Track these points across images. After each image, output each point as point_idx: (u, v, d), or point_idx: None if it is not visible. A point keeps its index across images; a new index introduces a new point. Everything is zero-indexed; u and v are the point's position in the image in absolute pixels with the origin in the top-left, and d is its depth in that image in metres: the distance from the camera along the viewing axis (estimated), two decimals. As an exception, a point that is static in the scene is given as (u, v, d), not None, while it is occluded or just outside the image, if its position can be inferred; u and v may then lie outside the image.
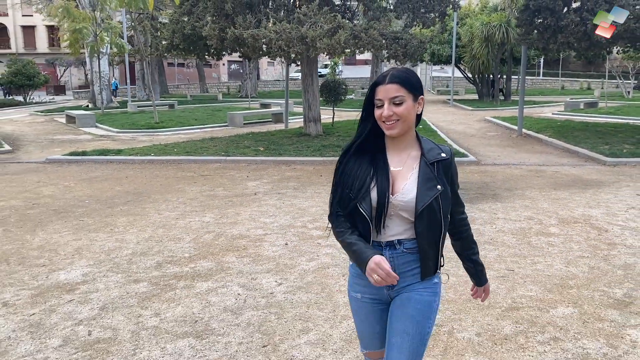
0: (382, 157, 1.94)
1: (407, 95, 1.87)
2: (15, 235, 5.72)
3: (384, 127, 1.89)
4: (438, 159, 1.92)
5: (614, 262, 4.65)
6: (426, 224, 1.87)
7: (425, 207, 1.85)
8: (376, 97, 1.88)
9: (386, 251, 1.92)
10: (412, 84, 1.88)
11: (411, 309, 1.92)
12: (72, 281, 4.37)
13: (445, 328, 3.43)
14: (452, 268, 3.95)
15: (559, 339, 3.29)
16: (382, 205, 1.88)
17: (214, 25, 10.69)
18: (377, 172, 1.91)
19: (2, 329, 3.53)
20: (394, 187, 1.90)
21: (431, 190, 1.87)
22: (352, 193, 1.91)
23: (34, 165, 10.51)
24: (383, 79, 1.88)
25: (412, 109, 1.89)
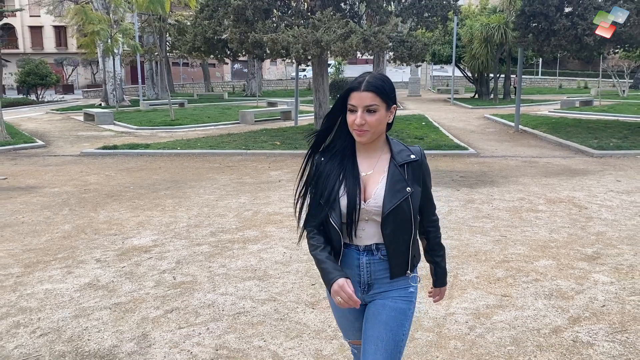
0: (352, 161, 1.95)
1: (381, 104, 1.86)
2: (81, 213, 6.69)
3: (354, 133, 1.89)
4: (408, 161, 1.93)
5: (589, 231, 5.64)
6: (394, 226, 1.88)
7: (393, 209, 1.87)
8: (349, 102, 1.87)
9: (363, 256, 1.94)
10: (387, 92, 1.87)
11: (385, 316, 1.93)
12: (145, 245, 5.34)
13: (451, 273, 4.41)
14: (454, 234, 4.92)
15: (539, 280, 4.27)
16: (351, 212, 1.89)
17: (235, 29, 11.65)
18: (346, 177, 1.92)
19: (104, 276, 4.51)
20: (366, 193, 1.91)
21: (400, 192, 1.88)
22: (322, 200, 1.93)
23: (70, 158, 11.48)
24: (358, 85, 1.86)
25: (384, 118, 1.88)
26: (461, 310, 3.74)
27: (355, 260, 1.95)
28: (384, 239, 1.90)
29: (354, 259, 1.95)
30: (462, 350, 3.20)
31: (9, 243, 5.50)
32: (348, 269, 1.95)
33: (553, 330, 3.42)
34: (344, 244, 1.95)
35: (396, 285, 1.95)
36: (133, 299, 4.01)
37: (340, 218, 1.91)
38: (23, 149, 12.88)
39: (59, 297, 4.07)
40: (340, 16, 11.22)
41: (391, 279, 1.94)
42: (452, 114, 21.74)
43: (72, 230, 5.94)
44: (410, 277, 1.97)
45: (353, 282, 1.92)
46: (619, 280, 4.25)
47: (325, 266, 1.90)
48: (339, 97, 1.91)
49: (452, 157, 10.91)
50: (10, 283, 4.38)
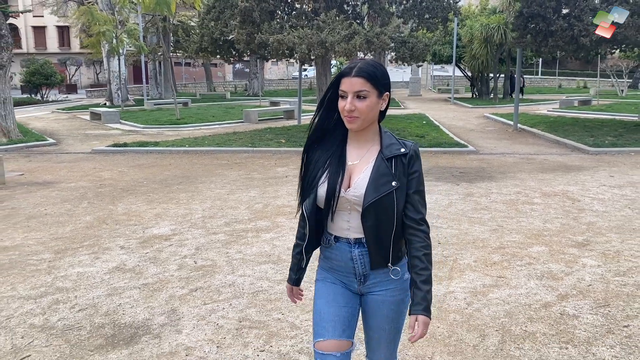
0: (341, 150, 1.93)
1: (372, 90, 1.83)
2: (100, 206, 7.05)
3: (345, 119, 1.86)
4: (396, 154, 1.88)
5: (581, 221, 6.00)
6: (375, 220, 1.85)
7: (374, 202, 1.84)
8: (340, 87, 1.84)
9: (355, 249, 1.93)
10: (378, 79, 1.83)
11: (386, 310, 1.97)
12: (165, 234, 5.71)
13: (451, 258, 4.78)
14: (454, 224, 5.27)
15: (532, 264, 4.63)
16: (330, 199, 1.88)
17: (242, 30, 12.02)
18: (331, 165, 1.91)
19: (129, 261, 4.87)
20: (350, 182, 1.89)
21: (384, 186, 1.84)
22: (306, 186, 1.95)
23: (82, 155, 11.84)
24: (349, 70, 1.83)
25: (375, 105, 1.85)
26: (460, 289, 4.10)
27: (348, 254, 1.93)
28: (364, 231, 1.88)
29: (346, 252, 1.94)
30: (460, 321, 3.56)
31: (36, 232, 5.86)
32: (341, 262, 1.96)
33: (543, 305, 3.79)
34: (335, 237, 1.95)
35: (393, 274, 1.93)
36: (159, 280, 4.38)
37: (313, 206, 1.92)
38: (35, 146, 13.25)
39: (90, 279, 4.44)
40: (344, 18, 11.58)
41: (371, 270, 1.93)
42: (452, 113, 22.09)
43: (94, 221, 6.30)
44: (392, 270, 1.93)
45: (348, 274, 1.97)
46: (605, 264, 4.61)
47: (290, 267, 2.14)
48: (330, 83, 1.88)
49: (452, 154, 11.27)
50: (44, 267, 4.75)
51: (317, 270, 2.07)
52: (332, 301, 1.98)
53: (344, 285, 2.00)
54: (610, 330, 3.42)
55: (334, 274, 2.00)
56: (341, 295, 1.99)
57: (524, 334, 3.37)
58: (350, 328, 1.98)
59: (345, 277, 1.98)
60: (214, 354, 3.18)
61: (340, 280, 2.00)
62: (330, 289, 2.00)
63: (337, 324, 1.94)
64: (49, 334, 3.48)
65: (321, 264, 2.06)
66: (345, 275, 1.98)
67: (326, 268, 2.03)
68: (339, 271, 1.99)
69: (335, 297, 1.99)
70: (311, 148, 1.97)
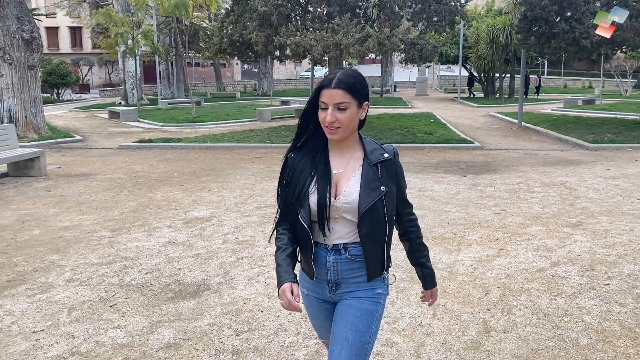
0: (324, 159, 1.94)
1: (352, 101, 1.85)
2: (140, 194, 7.79)
3: (326, 130, 1.88)
4: (381, 160, 1.92)
5: (576, 206, 6.68)
6: (370, 226, 1.88)
7: (369, 208, 1.86)
8: (321, 99, 1.86)
9: (331, 255, 1.94)
10: (358, 90, 1.86)
11: (351, 316, 1.93)
12: (205, 216, 6.43)
13: (459, 235, 5.47)
14: (461, 209, 5.96)
15: (530, 239, 5.33)
16: (322, 208, 1.89)
17: (260, 33, 12.74)
18: (317, 175, 1.91)
19: (179, 237, 5.60)
20: (337, 190, 1.91)
21: (375, 191, 1.88)
22: (293, 198, 1.93)
23: (110, 150, 12.60)
24: (329, 82, 1.85)
25: (355, 115, 1.88)
26: (467, 259, 4.80)
27: (323, 259, 1.95)
28: (360, 239, 1.90)
29: (322, 257, 1.96)
30: (467, 281, 4.26)
31: (89, 215, 6.60)
32: (318, 268, 1.97)
33: (537, 270, 4.48)
34: (314, 242, 1.95)
35: (364, 286, 1.96)
36: (209, 251, 5.10)
37: (309, 216, 1.91)
38: (64, 142, 14.02)
39: (149, 251, 5.16)
40: (357, 21, 12.28)
41: (368, 281, 1.95)
42: (458, 112, 22.74)
43: (138, 206, 7.03)
44: (385, 278, 2.00)
45: (321, 280, 1.98)
46: (594, 239, 5.30)
47: (279, 269, 1.92)
48: (309, 100, 1.91)
49: (459, 150, 11.94)
50: (105, 242, 5.48)
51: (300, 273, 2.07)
52: (314, 316, 2.11)
53: (319, 297, 2.04)
54: (593, 287, 4.11)
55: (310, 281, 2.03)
56: (319, 311, 2.07)
57: (520, 290, 4.07)
58: None
59: (319, 283, 2.00)
60: (266, 303, 3.90)
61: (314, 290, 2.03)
62: (310, 305, 2.09)
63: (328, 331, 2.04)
64: (127, 290, 4.21)
65: (301, 266, 2.07)
66: (318, 281, 2.00)
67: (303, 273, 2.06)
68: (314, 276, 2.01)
69: (315, 313, 2.10)
70: (291, 158, 1.99)
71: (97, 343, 3.36)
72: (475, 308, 3.77)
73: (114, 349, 3.29)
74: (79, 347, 3.32)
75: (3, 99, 13.74)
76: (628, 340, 3.29)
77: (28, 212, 6.77)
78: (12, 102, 13.80)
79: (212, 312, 3.76)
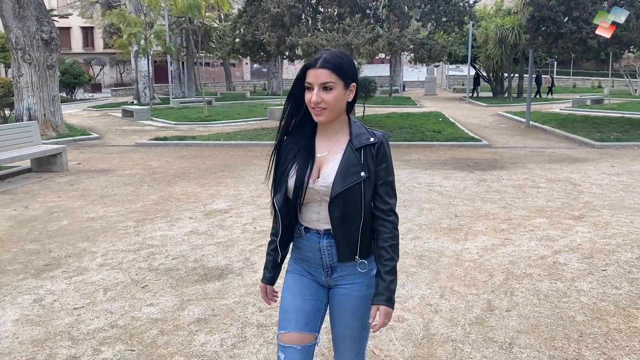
0: (310, 143, 1.93)
1: (338, 81, 1.81)
2: (159, 188, 8.12)
3: (312, 112, 1.86)
4: (365, 144, 1.87)
5: (579, 200, 6.94)
6: (342, 209, 1.84)
7: (342, 192, 1.83)
8: (306, 80, 1.83)
9: (324, 239, 1.92)
10: (344, 70, 1.83)
11: (352, 306, 1.94)
12: (223, 209, 6.75)
13: (466, 226, 5.75)
14: (469, 203, 6.23)
15: (534, 230, 5.60)
16: (297, 190, 1.87)
17: (273, 34, 13.06)
18: (299, 158, 1.90)
19: (200, 227, 5.92)
20: (319, 173, 1.89)
21: (353, 176, 1.84)
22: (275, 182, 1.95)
23: (127, 148, 12.96)
24: (315, 62, 1.82)
25: (342, 96, 1.84)
26: (473, 247, 5.08)
27: (316, 244, 1.94)
28: (331, 221, 1.87)
29: (314, 242, 1.94)
30: (473, 267, 4.55)
31: (113, 207, 6.94)
32: (310, 253, 1.97)
33: (540, 257, 4.76)
34: (305, 228, 1.96)
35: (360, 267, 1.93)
36: (229, 240, 5.41)
37: (284, 198, 1.91)
38: (81, 140, 14.41)
39: (173, 239, 5.49)
40: (367, 22, 12.57)
41: (338, 262, 1.93)
42: (467, 111, 22.96)
43: (159, 199, 7.37)
44: (359, 263, 1.93)
45: (316, 265, 1.98)
46: (595, 231, 5.57)
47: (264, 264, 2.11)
48: (295, 79, 1.87)
49: (467, 148, 12.20)
50: (131, 231, 5.81)
51: (289, 261, 2.08)
52: (298, 294, 1.99)
53: (312, 277, 2.00)
54: (591, 272, 4.38)
55: (303, 264, 2.01)
56: (307, 287, 2.00)
57: (523, 274, 4.35)
58: (314, 321, 1.98)
59: (314, 269, 1.99)
60: (286, 285, 4.20)
61: (309, 272, 2.01)
62: (297, 281, 2.01)
63: (300, 316, 1.95)
64: (156, 273, 4.54)
65: (292, 254, 2.06)
66: (313, 266, 1.99)
67: (296, 259, 2.04)
68: (307, 262, 1.99)
69: (301, 289, 2.00)
70: (282, 143, 1.97)
71: (133, 318, 3.68)
72: (480, 290, 4.06)
73: (149, 322, 3.61)
74: (117, 321, 3.64)
75: (23, 97, 14.15)
76: (621, 318, 3.57)
77: (55, 205, 7.13)
78: (31, 101, 14.21)
79: (237, 292, 4.07)
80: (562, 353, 3.14)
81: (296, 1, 12.88)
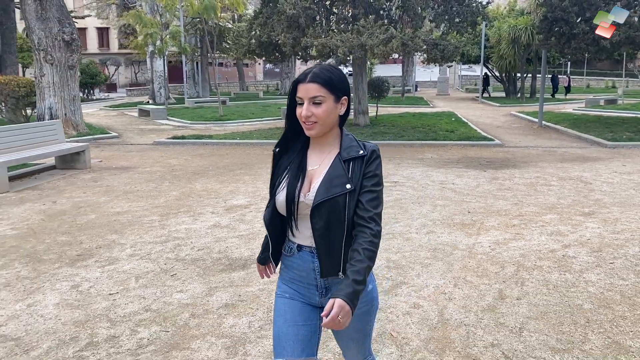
0: (302, 156, 1.92)
1: (328, 95, 1.81)
2: (180, 185, 8.40)
3: (304, 126, 1.85)
4: (354, 156, 1.85)
5: (590, 198, 7.10)
6: (325, 221, 1.80)
7: (325, 202, 1.79)
8: (297, 94, 1.83)
9: (316, 259, 1.88)
10: (334, 84, 1.83)
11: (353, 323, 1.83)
12: (243, 204, 7.00)
13: (479, 221, 5.95)
14: (481, 200, 6.42)
15: (544, 226, 5.78)
16: (290, 205, 1.85)
17: (288, 35, 13.30)
18: (290, 172, 1.89)
19: (222, 221, 6.17)
20: (310, 187, 1.86)
21: (337, 187, 1.81)
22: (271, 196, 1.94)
23: (146, 146, 13.28)
24: (304, 77, 1.83)
25: (332, 110, 1.83)
26: (485, 241, 5.28)
27: (310, 264, 1.90)
28: (313, 233, 1.83)
29: (308, 261, 1.90)
30: (485, 259, 4.75)
31: (137, 202, 7.22)
32: (303, 272, 1.92)
33: (550, 251, 4.95)
34: (298, 246, 1.92)
35: None
36: (251, 233, 5.66)
37: (272, 213, 1.90)
38: (101, 139, 14.76)
39: (197, 232, 5.74)
40: (382, 23, 12.77)
41: (321, 277, 1.88)
42: (480, 111, 23.06)
43: (180, 195, 7.64)
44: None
45: (309, 285, 1.94)
46: (604, 226, 5.74)
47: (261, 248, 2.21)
48: (288, 96, 1.88)
49: (480, 147, 12.36)
50: (157, 225, 6.08)
51: (277, 282, 2.03)
52: (290, 320, 1.93)
53: (304, 299, 1.95)
54: (599, 265, 4.57)
55: (294, 285, 1.96)
56: (299, 314, 1.94)
57: (533, 266, 4.55)
58: (311, 346, 1.94)
59: (306, 289, 1.94)
60: (307, 274, 4.43)
61: (299, 293, 1.95)
62: (288, 307, 1.95)
63: (296, 343, 1.90)
64: (183, 263, 4.79)
65: (281, 274, 2.01)
66: (305, 286, 1.94)
67: (286, 279, 1.98)
68: (299, 282, 1.94)
69: (293, 316, 1.94)
70: (277, 157, 1.99)
71: (165, 303, 3.94)
72: (492, 280, 4.26)
73: (180, 307, 3.86)
74: (150, 305, 3.90)
75: (44, 97, 14.53)
76: (626, 306, 3.76)
77: (81, 200, 7.42)
78: (52, 100, 14.59)
79: (261, 281, 4.31)
80: (569, 337, 3.34)
81: (311, 3, 13.11)
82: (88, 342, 3.38)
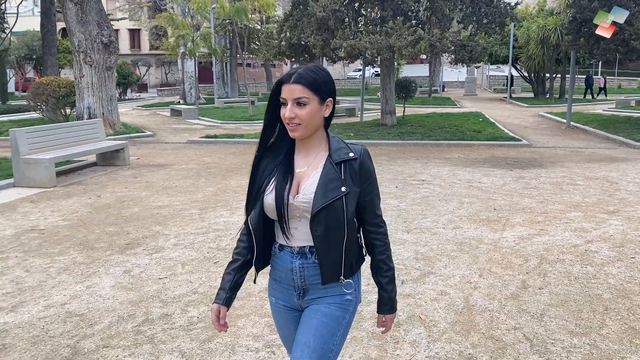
0: (289, 158, 1.89)
1: (312, 97, 1.78)
2: (216, 181, 8.78)
3: (287, 128, 1.82)
4: (345, 159, 1.84)
5: (615, 197, 7.24)
6: (325, 227, 1.79)
7: (324, 208, 1.78)
8: (281, 95, 1.81)
9: (297, 260, 1.87)
10: (318, 85, 1.79)
11: (316, 321, 1.86)
12: (276, 200, 7.33)
13: (504, 218, 6.17)
14: (507, 198, 6.63)
15: (568, 223, 5.97)
16: (280, 207, 1.83)
17: (318, 37, 13.63)
18: (278, 173, 1.87)
19: (257, 215, 6.52)
20: (298, 189, 1.84)
21: (333, 192, 1.80)
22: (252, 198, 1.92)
23: (180, 145, 13.76)
24: (288, 77, 1.80)
25: (317, 111, 1.80)
26: (510, 236, 5.51)
27: (288, 264, 1.90)
28: (313, 240, 1.82)
29: (287, 262, 1.90)
30: (510, 253, 4.98)
31: (176, 197, 7.62)
32: (282, 273, 1.92)
33: (573, 246, 5.15)
34: (279, 245, 1.92)
35: (331, 292, 1.89)
36: (285, 226, 5.98)
37: (259, 216, 1.88)
38: (136, 137, 15.31)
39: (235, 225, 6.10)
40: (410, 25, 13.00)
41: (323, 284, 1.87)
42: (507, 112, 23.03)
43: (217, 190, 8.02)
44: (344, 284, 1.89)
45: (288, 286, 1.93)
46: (628, 224, 5.90)
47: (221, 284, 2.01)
48: (270, 95, 1.84)
49: (507, 147, 12.48)
50: (196, 217, 6.46)
51: (269, 280, 2.04)
52: (284, 326, 2.02)
53: (287, 305, 1.97)
54: (620, 259, 4.76)
55: (278, 285, 1.98)
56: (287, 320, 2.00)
57: (556, 260, 4.77)
58: None
59: (285, 289, 1.94)
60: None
61: (282, 295, 1.97)
62: (278, 314, 2.02)
63: None
64: (224, 252, 5.15)
65: (270, 272, 2.02)
66: (285, 286, 1.95)
67: (273, 277, 2.00)
68: (280, 282, 1.96)
69: (284, 322, 2.01)
70: (259, 159, 1.95)
71: (211, 287, 4.29)
72: (516, 272, 4.50)
73: (224, 291, 4.20)
74: (197, 289, 4.25)
75: (84, 97, 15.15)
76: (644, 297, 3.96)
77: (124, 194, 7.86)
78: (91, 100, 15.20)
79: (297, 269, 4.63)
80: (587, 322, 3.57)
81: (341, 5, 13.41)
82: (144, 319, 3.74)
